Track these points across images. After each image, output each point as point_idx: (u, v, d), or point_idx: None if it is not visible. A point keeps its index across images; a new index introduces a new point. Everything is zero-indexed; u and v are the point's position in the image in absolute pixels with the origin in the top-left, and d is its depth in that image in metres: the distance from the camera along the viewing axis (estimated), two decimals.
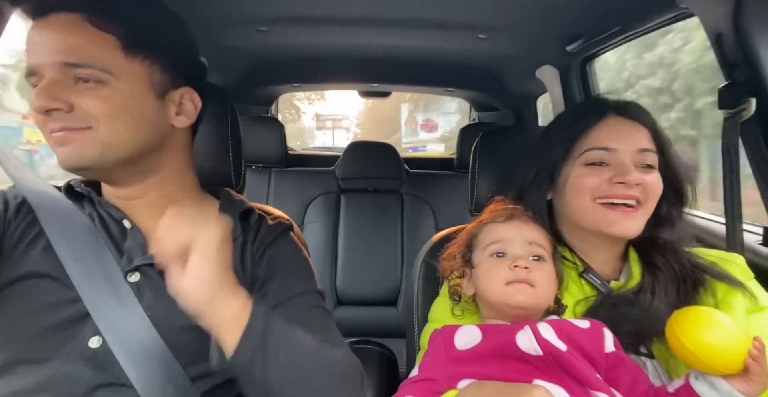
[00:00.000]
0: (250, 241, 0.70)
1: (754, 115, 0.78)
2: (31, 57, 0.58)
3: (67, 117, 0.58)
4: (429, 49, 1.64)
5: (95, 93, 0.58)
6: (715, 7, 0.80)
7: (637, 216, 0.66)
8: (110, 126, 0.59)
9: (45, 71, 0.57)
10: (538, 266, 0.59)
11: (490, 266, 0.61)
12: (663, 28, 1.11)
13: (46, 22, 0.58)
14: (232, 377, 0.64)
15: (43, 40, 0.58)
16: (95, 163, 0.60)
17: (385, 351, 1.07)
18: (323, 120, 7.31)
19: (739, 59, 0.78)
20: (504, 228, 0.63)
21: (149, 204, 0.67)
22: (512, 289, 0.57)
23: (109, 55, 0.59)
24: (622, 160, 0.66)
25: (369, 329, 1.73)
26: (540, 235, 0.63)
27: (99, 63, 0.58)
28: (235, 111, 0.85)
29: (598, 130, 0.69)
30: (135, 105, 0.61)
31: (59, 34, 0.58)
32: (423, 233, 1.89)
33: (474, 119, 2.58)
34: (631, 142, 0.67)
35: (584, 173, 0.68)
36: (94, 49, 0.58)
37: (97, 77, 0.58)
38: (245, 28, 1.39)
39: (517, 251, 0.60)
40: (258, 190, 1.95)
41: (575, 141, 0.69)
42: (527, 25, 1.29)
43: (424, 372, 0.58)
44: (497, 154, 0.98)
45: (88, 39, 0.58)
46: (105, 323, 0.57)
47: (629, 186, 0.64)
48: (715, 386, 0.50)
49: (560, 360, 0.52)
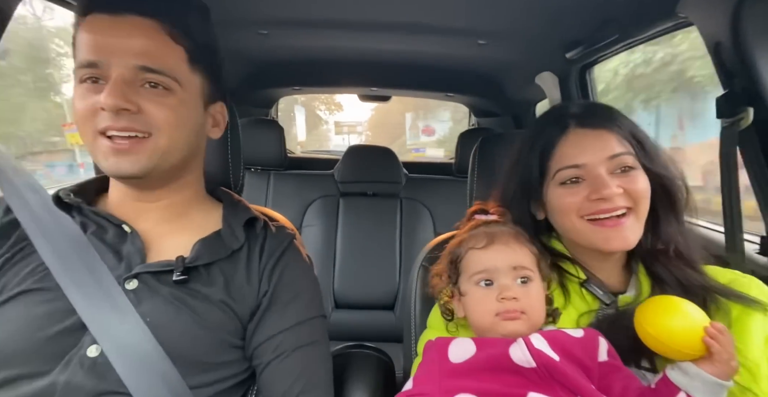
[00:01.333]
0: (257, 252, 0.69)
1: (751, 124, 0.78)
2: (96, 51, 0.58)
3: (133, 118, 0.58)
4: (429, 54, 1.64)
5: (162, 100, 0.59)
6: (714, 16, 0.81)
7: (629, 225, 0.63)
8: (171, 135, 0.60)
9: (113, 68, 0.57)
10: (526, 290, 0.59)
11: (478, 297, 0.60)
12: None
13: (122, 21, 0.58)
14: (232, 385, 0.64)
15: (117, 38, 0.58)
16: (147, 172, 0.61)
17: (381, 355, 1.06)
18: (341, 126, 8.47)
19: (737, 68, 0.79)
20: (487, 255, 0.61)
21: (162, 207, 0.68)
22: (503, 320, 0.57)
23: (179, 66, 0.61)
24: (595, 174, 0.63)
25: (366, 333, 1.73)
26: (523, 255, 0.62)
27: (171, 71, 0.60)
28: (234, 113, 0.85)
29: (563, 147, 0.66)
30: (192, 116, 0.64)
31: (137, 36, 0.58)
32: (421, 237, 1.89)
33: (473, 125, 2.59)
34: (598, 153, 0.64)
35: (562, 194, 0.66)
36: (168, 58, 0.60)
37: (166, 85, 0.60)
38: (246, 31, 1.40)
39: (503, 280, 0.59)
40: (256, 193, 1.94)
41: (547, 160, 0.67)
42: (527, 31, 1.30)
43: (418, 386, 0.58)
44: (496, 160, 0.98)
45: (164, 47, 0.60)
46: (101, 331, 0.56)
47: (610, 199, 0.62)
48: (686, 371, 0.51)
49: (553, 371, 0.52)
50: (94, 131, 0.58)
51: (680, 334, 0.51)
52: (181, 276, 0.61)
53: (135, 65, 0.58)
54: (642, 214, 0.64)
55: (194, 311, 0.61)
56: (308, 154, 2.99)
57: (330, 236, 1.89)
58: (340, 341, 1.27)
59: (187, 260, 0.62)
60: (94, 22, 0.59)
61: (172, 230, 0.67)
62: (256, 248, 0.69)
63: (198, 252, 0.64)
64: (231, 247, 0.67)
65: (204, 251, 0.64)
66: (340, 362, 1.05)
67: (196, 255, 0.63)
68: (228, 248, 0.66)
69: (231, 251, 0.66)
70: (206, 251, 0.64)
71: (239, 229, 0.69)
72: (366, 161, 2.01)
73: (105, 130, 0.58)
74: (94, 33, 0.59)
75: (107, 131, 0.58)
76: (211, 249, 0.65)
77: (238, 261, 0.67)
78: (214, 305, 0.62)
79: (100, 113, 0.57)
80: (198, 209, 0.72)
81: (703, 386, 0.50)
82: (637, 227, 0.64)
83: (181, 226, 0.68)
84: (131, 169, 0.60)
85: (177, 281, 0.61)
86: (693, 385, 0.50)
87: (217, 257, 0.65)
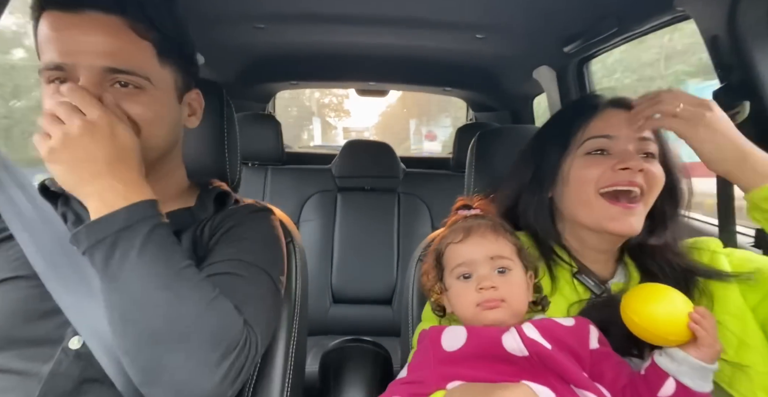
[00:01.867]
0: (221, 216, 0.68)
1: (748, 117, 0.78)
2: (61, 53, 0.55)
3: None
4: (426, 48, 1.64)
5: (135, 99, 0.58)
6: (711, 9, 0.80)
7: (638, 212, 0.64)
8: (148, 131, 0.59)
9: (80, 71, 0.56)
10: (505, 279, 0.59)
11: (458, 289, 0.61)
12: None
13: (81, 19, 0.55)
14: None
15: (80, 39, 0.55)
16: None
17: (379, 349, 1.07)
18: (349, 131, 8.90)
19: (734, 62, 0.79)
20: (464, 248, 0.62)
21: None
22: (484, 310, 0.58)
23: (148, 63, 0.59)
24: (623, 147, 0.65)
25: (364, 328, 1.73)
26: (501, 245, 0.62)
27: (141, 70, 0.58)
28: (231, 108, 0.85)
29: (596, 121, 0.68)
30: (167, 111, 0.63)
31: (100, 34, 0.55)
32: (419, 231, 1.89)
33: (471, 119, 2.59)
34: (630, 131, 0.66)
35: (586, 163, 0.67)
36: (136, 56, 0.58)
37: (137, 83, 0.58)
38: (243, 25, 1.39)
39: (481, 270, 0.60)
40: (254, 188, 1.94)
41: (574, 134, 0.68)
42: (525, 25, 1.29)
43: (413, 374, 0.58)
44: (494, 154, 0.98)
45: (131, 44, 0.57)
46: (80, 321, 0.56)
47: (633, 172, 0.63)
48: (673, 356, 0.52)
49: (545, 359, 0.52)
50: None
51: (665, 321, 0.51)
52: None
53: (102, 67, 0.56)
54: (649, 203, 0.66)
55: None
56: (306, 149, 2.98)
57: (328, 230, 1.89)
58: (338, 335, 1.28)
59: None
60: (53, 19, 0.56)
61: None
62: (222, 214, 0.69)
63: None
64: (198, 217, 0.67)
65: (172, 220, 0.61)
66: (338, 356, 1.06)
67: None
68: (196, 218, 0.67)
69: (198, 221, 0.66)
70: (172, 220, 0.61)
71: (210, 202, 0.70)
72: (364, 156, 2.01)
73: None
74: (55, 31, 0.56)
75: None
76: (177, 219, 0.64)
77: (205, 227, 0.67)
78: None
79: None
80: (181, 198, 0.71)
81: (690, 370, 0.51)
82: (641, 217, 0.66)
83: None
84: None
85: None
86: (680, 370, 0.51)
87: (182, 226, 0.65)
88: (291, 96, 9.77)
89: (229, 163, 0.85)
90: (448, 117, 9.54)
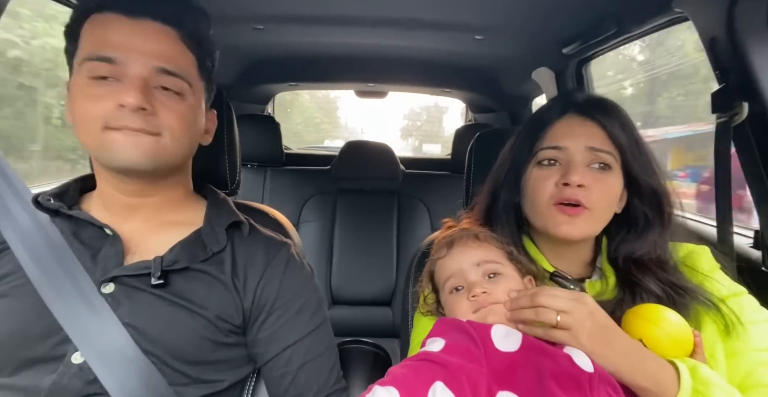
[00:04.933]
0: (243, 256, 0.68)
1: (746, 119, 0.79)
2: (114, 46, 0.58)
3: (147, 120, 0.58)
4: (425, 49, 1.64)
5: (175, 104, 0.61)
6: (709, 11, 0.81)
7: (580, 219, 0.63)
8: (177, 137, 0.61)
9: (132, 66, 0.58)
10: (496, 283, 0.58)
11: (451, 304, 0.60)
12: None
13: (140, 24, 0.59)
14: (221, 389, 0.64)
15: (135, 38, 0.59)
16: (153, 168, 0.61)
17: (379, 351, 1.07)
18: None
19: (732, 63, 0.79)
20: (449, 260, 0.61)
21: (149, 205, 0.67)
22: (482, 316, 0.56)
23: (192, 72, 0.63)
24: (570, 159, 0.64)
25: (363, 329, 1.73)
26: (485, 250, 0.61)
27: (186, 75, 0.62)
28: (230, 109, 0.85)
29: (554, 129, 0.67)
30: (197, 121, 0.66)
31: (155, 39, 0.60)
32: (418, 233, 1.89)
33: (470, 120, 2.59)
34: (581, 141, 0.64)
35: (538, 175, 0.66)
36: (183, 62, 0.62)
37: (179, 89, 0.61)
38: (241, 26, 1.39)
39: (470, 278, 0.59)
40: (253, 189, 1.94)
41: (535, 140, 0.68)
42: (524, 26, 1.29)
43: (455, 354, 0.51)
44: (493, 155, 0.97)
45: (180, 53, 0.62)
46: (80, 337, 0.56)
47: (572, 188, 0.62)
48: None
49: (605, 377, 0.49)
50: (103, 128, 0.57)
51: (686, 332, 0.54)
52: (158, 281, 0.60)
53: (154, 66, 0.59)
54: (598, 215, 0.64)
55: (173, 311, 0.60)
56: (305, 150, 2.98)
57: (327, 232, 1.89)
58: (338, 336, 1.28)
59: (164, 263, 0.62)
60: (110, 20, 0.59)
61: (158, 228, 0.67)
62: (243, 254, 0.68)
63: (176, 255, 0.63)
64: (211, 249, 0.66)
65: (182, 255, 0.63)
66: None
67: (173, 258, 0.63)
68: (208, 251, 0.65)
69: (211, 253, 0.65)
70: (184, 254, 0.64)
71: (221, 231, 0.68)
72: (363, 157, 2.01)
73: (120, 127, 0.57)
74: (110, 30, 0.59)
75: (121, 129, 0.57)
76: (189, 252, 0.64)
77: (221, 263, 0.66)
78: (195, 306, 0.62)
79: (113, 112, 0.57)
80: (184, 207, 0.71)
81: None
82: (588, 225, 0.64)
83: (166, 224, 0.68)
84: (141, 161, 0.59)
85: (155, 285, 0.60)
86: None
87: (195, 260, 0.64)
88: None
89: (229, 165, 0.85)
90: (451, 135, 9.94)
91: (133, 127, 0.57)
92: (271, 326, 0.66)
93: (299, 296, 0.69)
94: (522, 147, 0.70)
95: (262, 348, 0.66)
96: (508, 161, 0.73)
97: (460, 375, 0.48)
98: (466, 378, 0.48)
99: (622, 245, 0.68)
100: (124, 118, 0.57)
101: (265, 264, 0.68)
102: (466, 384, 0.48)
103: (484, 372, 0.49)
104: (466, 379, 0.48)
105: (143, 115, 0.57)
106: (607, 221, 0.66)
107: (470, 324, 0.54)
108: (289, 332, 0.67)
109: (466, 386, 0.48)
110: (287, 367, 0.66)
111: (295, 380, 0.66)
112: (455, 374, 0.49)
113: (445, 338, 0.54)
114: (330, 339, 0.71)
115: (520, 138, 0.72)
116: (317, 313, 0.70)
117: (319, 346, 0.69)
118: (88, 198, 0.69)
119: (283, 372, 0.66)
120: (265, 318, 0.66)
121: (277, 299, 0.67)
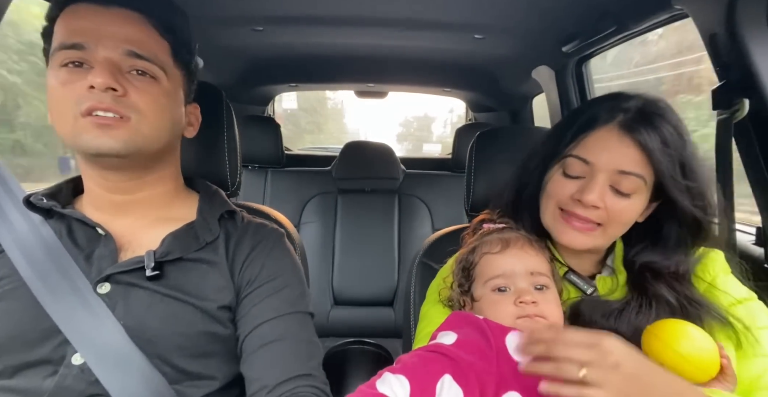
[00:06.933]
0: (234, 243, 0.68)
1: (747, 115, 0.78)
2: (82, 33, 0.58)
3: (118, 100, 0.58)
4: (425, 49, 1.64)
5: (148, 88, 0.61)
6: (709, 8, 0.80)
7: (593, 235, 0.62)
8: (151, 121, 0.61)
9: (101, 51, 0.58)
10: (544, 296, 0.57)
11: (493, 301, 0.58)
12: None
13: (110, 12, 0.60)
14: (221, 387, 0.64)
15: (105, 25, 0.59)
16: (128, 152, 0.60)
17: (381, 351, 1.07)
18: None
19: (733, 60, 0.79)
20: (503, 260, 0.60)
21: (138, 201, 0.67)
22: (524, 324, 0.55)
23: (165, 57, 0.63)
24: (594, 177, 0.61)
25: (365, 329, 1.73)
26: (540, 261, 0.61)
27: (159, 61, 0.62)
28: (231, 111, 0.85)
29: (589, 139, 0.62)
30: (173, 107, 0.65)
31: (125, 25, 0.60)
32: (420, 233, 1.89)
33: (470, 120, 2.59)
34: (612, 161, 0.60)
35: (558, 181, 0.65)
36: (155, 47, 0.62)
37: (153, 73, 0.61)
38: (241, 28, 1.39)
39: (520, 284, 0.58)
40: (254, 191, 1.94)
41: (566, 144, 0.65)
42: (523, 25, 1.29)
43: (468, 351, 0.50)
44: (493, 155, 0.98)
45: (152, 39, 0.62)
46: (78, 338, 0.56)
47: (586, 207, 0.60)
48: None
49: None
50: (76, 114, 0.57)
51: (708, 361, 0.52)
52: (153, 272, 0.60)
53: (123, 50, 0.59)
54: (611, 233, 0.63)
55: (170, 306, 0.61)
56: (305, 151, 2.98)
57: (328, 232, 1.89)
58: (340, 337, 1.28)
59: (157, 255, 0.62)
60: (79, 10, 0.60)
61: (151, 225, 0.67)
62: (234, 239, 0.69)
63: (168, 246, 0.63)
64: (204, 239, 0.66)
65: (175, 245, 0.64)
66: (339, 358, 1.06)
67: (166, 249, 0.63)
68: (201, 241, 0.66)
69: (204, 243, 0.66)
70: (177, 244, 0.64)
71: (214, 221, 0.69)
72: (363, 158, 2.01)
73: (89, 110, 0.57)
74: (80, 18, 0.59)
75: (92, 111, 0.57)
76: (182, 242, 0.65)
77: (215, 249, 0.66)
78: (191, 297, 0.62)
79: (84, 95, 0.57)
80: (176, 202, 0.71)
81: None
82: (596, 240, 0.63)
83: (159, 220, 0.68)
84: (114, 145, 0.58)
85: (150, 277, 0.60)
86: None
87: (188, 250, 0.64)
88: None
89: (230, 167, 0.85)
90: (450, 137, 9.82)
91: (101, 107, 0.57)
92: (251, 302, 0.66)
93: (281, 277, 0.68)
94: (553, 143, 0.67)
95: (242, 327, 0.65)
96: (539, 155, 0.70)
97: (469, 372, 0.49)
98: (474, 375, 0.48)
99: (642, 254, 0.66)
100: (92, 99, 0.57)
101: (252, 246, 0.69)
102: (474, 381, 0.48)
103: (493, 372, 0.49)
104: (475, 376, 0.48)
105: (114, 95, 0.57)
106: (621, 234, 0.65)
107: (486, 323, 0.54)
108: (267, 309, 0.65)
109: (474, 382, 0.48)
110: (261, 340, 0.63)
111: (262, 357, 0.62)
112: (464, 369, 0.49)
113: (458, 332, 0.54)
114: (309, 334, 0.67)
115: (554, 134, 0.69)
116: (299, 301, 0.68)
117: (296, 331, 0.65)
118: (80, 200, 0.70)
119: (255, 347, 0.63)
120: (247, 294, 0.66)
121: (258, 276, 0.67)
